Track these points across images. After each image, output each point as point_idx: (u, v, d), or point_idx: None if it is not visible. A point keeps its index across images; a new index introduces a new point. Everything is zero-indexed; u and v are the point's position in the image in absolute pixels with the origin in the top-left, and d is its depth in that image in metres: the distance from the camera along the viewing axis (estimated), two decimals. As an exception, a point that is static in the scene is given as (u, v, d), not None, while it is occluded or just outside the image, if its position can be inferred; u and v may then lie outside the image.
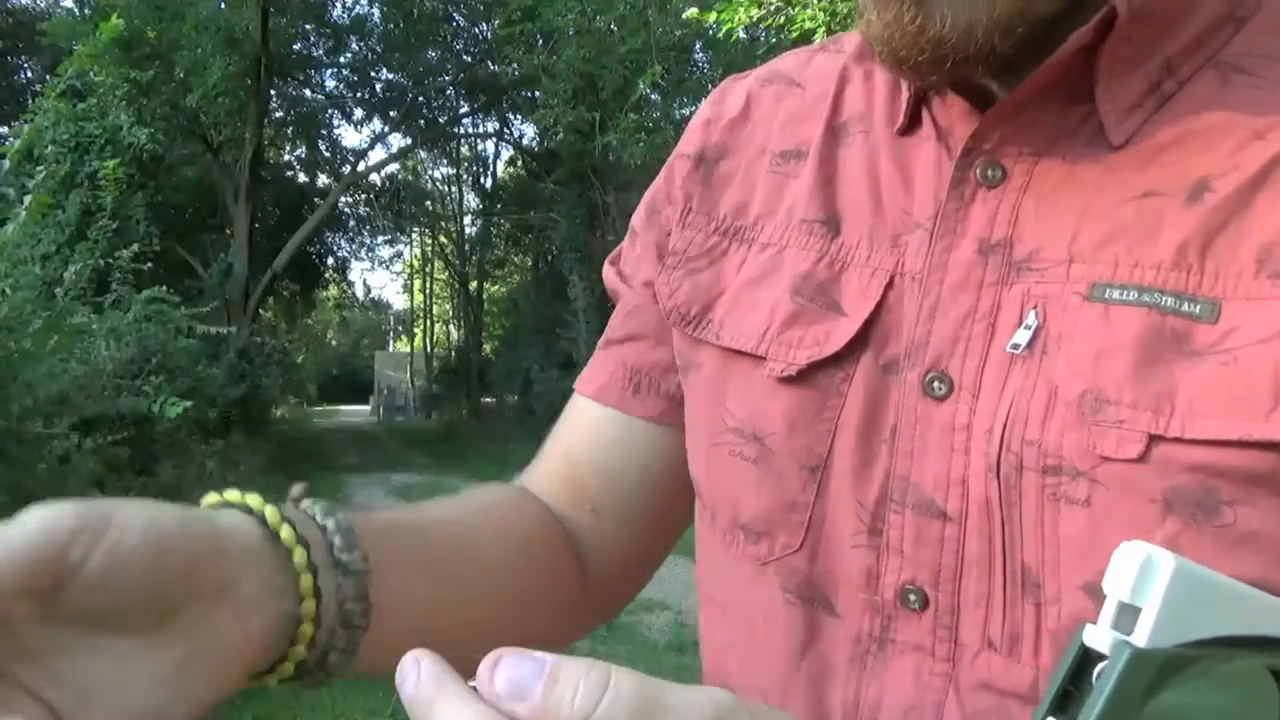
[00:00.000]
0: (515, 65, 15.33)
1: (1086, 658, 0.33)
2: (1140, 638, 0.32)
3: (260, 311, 18.90)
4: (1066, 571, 0.41)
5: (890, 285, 0.48)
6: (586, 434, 0.63)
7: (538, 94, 14.97)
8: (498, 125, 22.56)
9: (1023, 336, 0.43)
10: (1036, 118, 0.46)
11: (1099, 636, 0.33)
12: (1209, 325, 0.39)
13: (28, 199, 3.64)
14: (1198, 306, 0.40)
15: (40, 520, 0.33)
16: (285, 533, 0.41)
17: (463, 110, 21.63)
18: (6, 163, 3.58)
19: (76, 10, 14.57)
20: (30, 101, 3.85)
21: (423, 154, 24.95)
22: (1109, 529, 0.40)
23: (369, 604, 0.43)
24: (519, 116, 20.50)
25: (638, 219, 0.64)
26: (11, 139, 3.61)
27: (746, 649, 0.52)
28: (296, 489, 0.46)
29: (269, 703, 3.99)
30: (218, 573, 0.38)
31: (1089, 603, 0.40)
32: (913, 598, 0.45)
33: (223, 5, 14.02)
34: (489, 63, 18.27)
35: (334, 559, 0.43)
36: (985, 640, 0.44)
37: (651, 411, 0.60)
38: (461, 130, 23.12)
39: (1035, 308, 0.44)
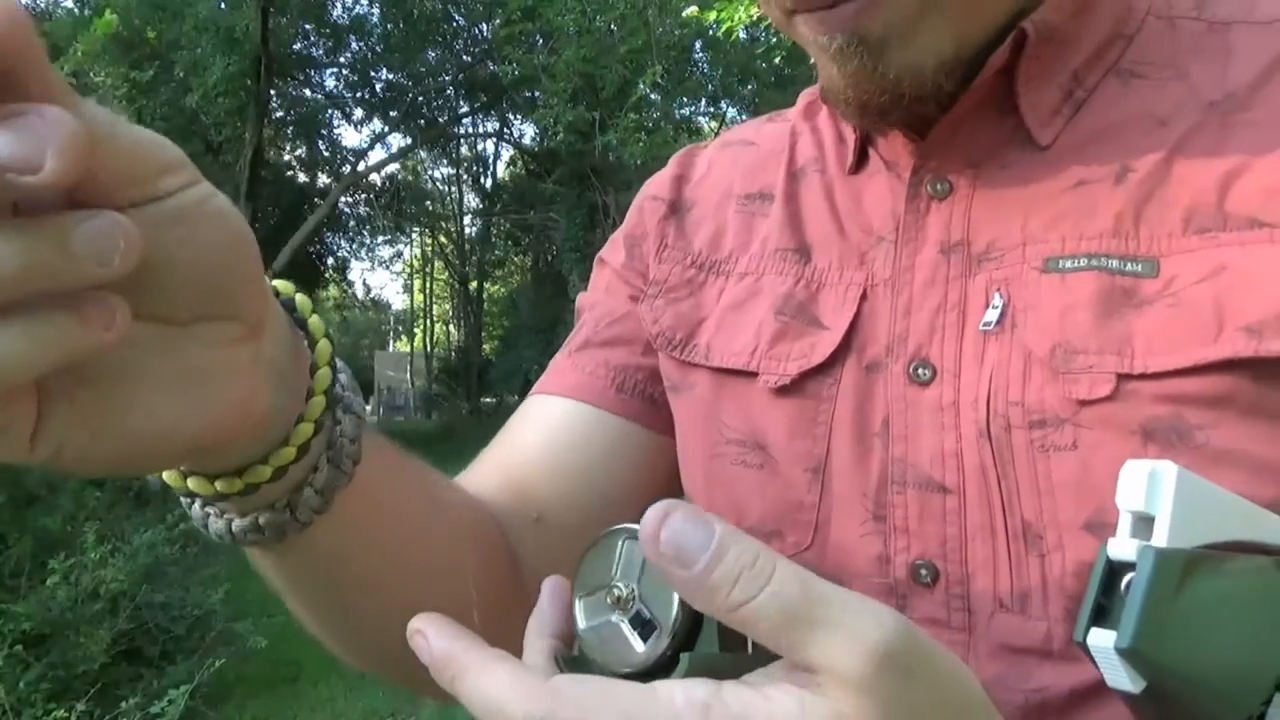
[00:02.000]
0: (515, 65, 15.31)
1: (1112, 571, 0.36)
2: (1160, 539, 0.35)
3: (260, 311, 18.86)
4: (1065, 515, 0.45)
5: (864, 297, 0.54)
6: (546, 435, 0.63)
7: (538, 94, 14.96)
8: (498, 125, 22.56)
9: (992, 315, 0.49)
10: (971, 135, 0.52)
11: (1122, 547, 0.35)
12: (1151, 279, 0.45)
13: (28, 199, 3.64)
14: (1139, 265, 0.46)
15: (154, 135, 0.29)
16: (314, 322, 0.40)
17: (463, 110, 21.62)
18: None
19: (77, 10, 14.57)
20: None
21: (423, 154, 24.94)
22: (1098, 466, 0.44)
23: (360, 454, 0.42)
24: (519, 116, 20.49)
25: (613, 253, 0.68)
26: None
27: None
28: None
29: (269, 703, 3.99)
30: (261, 306, 0.35)
31: (1092, 540, 0.44)
32: (924, 572, 0.49)
33: (223, 5, 14.01)
34: (489, 63, 18.26)
35: (339, 395, 0.41)
36: (997, 602, 0.47)
37: (633, 410, 0.63)
38: (461, 130, 23.12)
39: (999, 289, 0.49)
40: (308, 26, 18.30)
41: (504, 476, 0.63)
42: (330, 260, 27.25)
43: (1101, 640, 0.35)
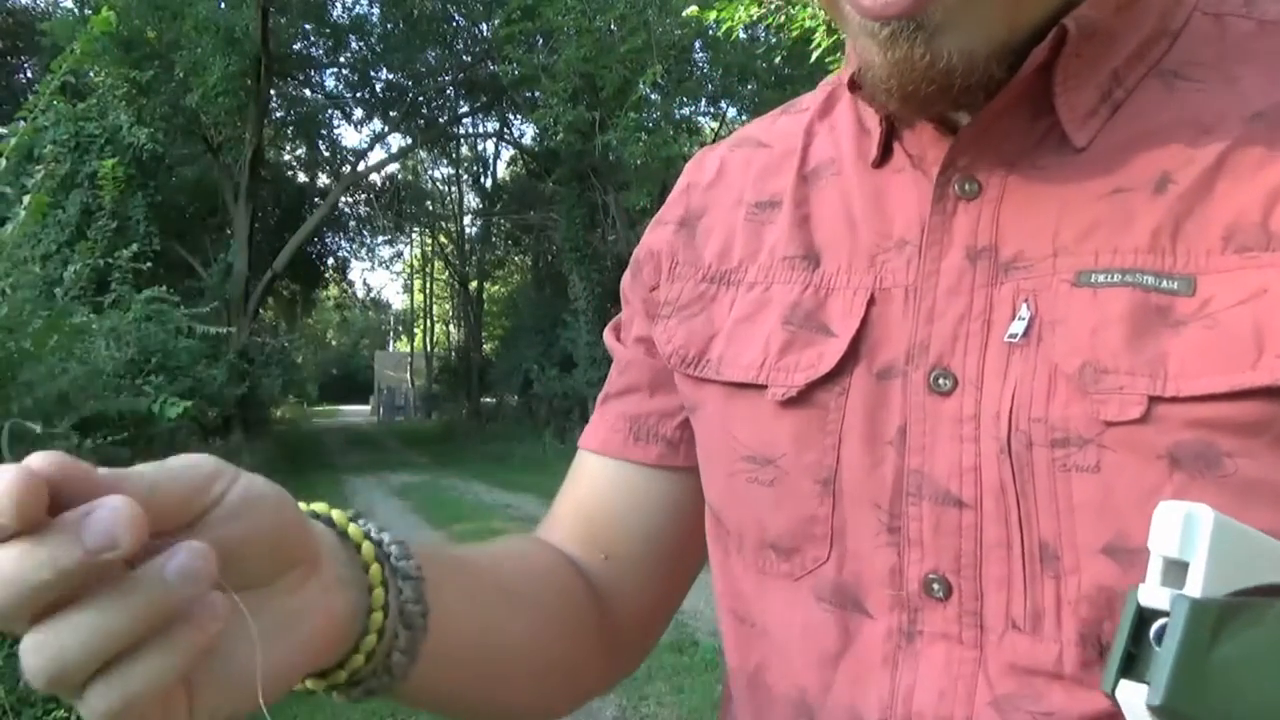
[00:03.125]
0: (515, 65, 15.32)
1: (1141, 618, 0.34)
2: (1194, 589, 0.33)
3: (260, 311, 18.88)
4: (1084, 538, 0.44)
5: (872, 301, 0.52)
6: (593, 486, 0.67)
7: (538, 94, 14.97)
8: (498, 125, 22.59)
9: (1018, 327, 0.47)
10: (1004, 133, 0.50)
11: (1153, 595, 0.34)
12: (1187, 298, 0.43)
13: (27, 199, 3.64)
14: (1175, 283, 0.44)
15: (187, 457, 0.36)
16: (353, 530, 0.46)
17: (463, 110, 21.64)
18: (3, 161, 3.57)
19: (76, 10, 14.56)
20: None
21: (423, 154, 24.96)
22: (1120, 490, 0.43)
23: (427, 607, 0.47)
24: (519, 116, 20.50)
25: (625, 282, 0.68)
26: (9, 137, 3.60)
27: (784, 660, 0.54)
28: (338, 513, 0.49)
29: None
30: (314, 543, 0.41)
31: (1110, 565, 0.43)
32: (936, 586, 0.48)
33: (223, 5, 14.02)
34: (489, 63, 18.27)
35: (392, 566, 0.46)
36: (1009, 621, 0.46)
37: (650, 457, 0.64)
38: (461, 130, 23.16)
39: (1026, 300, 0.47)
40: (308, 26, 18.31)
41: (571, 522, 0.67)
42: (330, 260, 27.28)
43: (1133, 695, 0.33)
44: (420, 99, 20.27)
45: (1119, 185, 0.47)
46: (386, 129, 20.96)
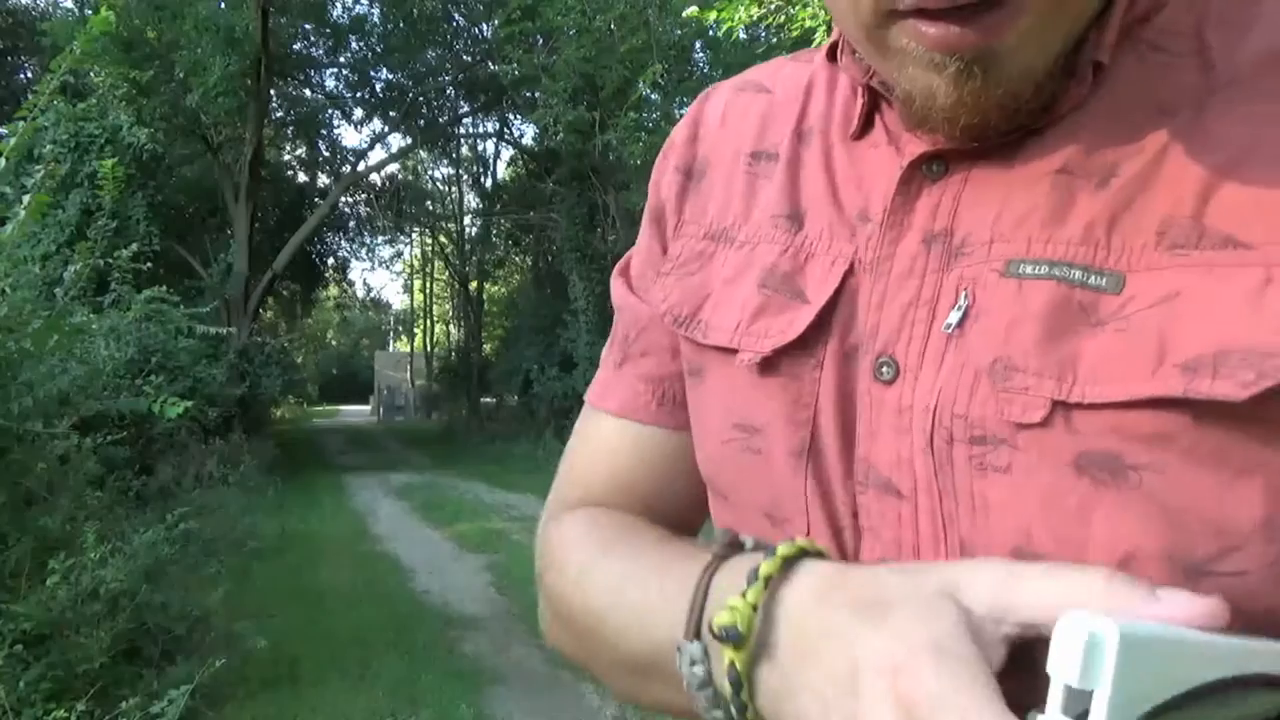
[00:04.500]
0: (515, 65, 15.31)
1: None
2: None
3: (260, 311, 18.87)
4: (997, 539, 0.43)
5: (850, 272, 0.50)
6: (624, 452, 0.64)
7: (538, 94, 14.96)
8: (498, 125, 22.57)
9: (954, 317, 0.45)
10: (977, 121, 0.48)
11: None
12: (1113, 296, 0.41)
13: (27, 199, 3.63)
14: (1104, 279, 0.41)
15: None
16: None
17: (463, 110, 21.63)
18: (3, 161, 3.57)
19: (76, 10, 14.56)
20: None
21: (423, 154, 24.94)
22: (1029, 494, 0.42)
23: None
24: (519, 116, 20.49)
25: (645, 230, 0.66)
26: (9, 137, 3.60)
27: None
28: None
29: (269, 703, 3.99)
30: None
31: None
32: None
33: (223, 5, 14.01)
34: (489, 63, 18.25)
35: None
36: None
37: (678, 420, 0.62)
38: (461, 130, 23.14)
39: (966, 290, 0.45)
40: (308, 26, 18.30)
41: (609, 502, 0.64)
42: (330, 260, 27.25)
43: None
44: (420, 99, 20.26)
45: (1066, 165, 0.45)
46: (386, 129, 20.96)
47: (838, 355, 0.50)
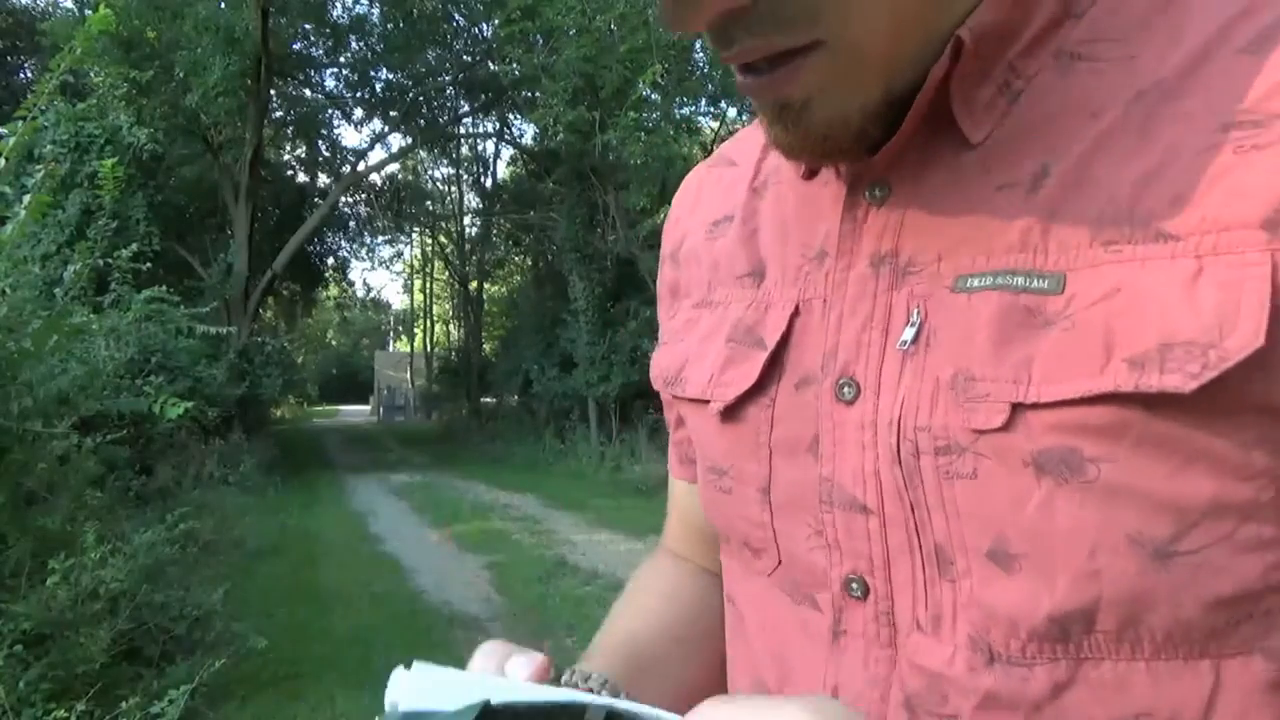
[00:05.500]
0: (515, 65, 15.31)
1: None
2: None
3: (260, 311, 18.87)
4: (971, 542, 0.45)
5: (796, 313, 0.53)
6: (685, 504, 0.74)
7: (538, 94, 14.95)
8: (498, 125, 22.55)
9: (909, 334, 0.47)
10: (916, 143, 0.49)
11: None
12: (1056, 296, 0.42)
13: (27, 199, 3.63)
14: (1045, 281, 0.43)
15: None
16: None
17: (463, 110, 21.62)
18: (3, 161, 3.57)
19: (76, 10, 14.55)
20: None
21: (423, 154, 24.94)
22: (996, 496, 0.43)
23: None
24: (519, 116, 20.48)
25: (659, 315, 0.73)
26: (9, 137, 3.59)
27: (768, 645, 0.57)
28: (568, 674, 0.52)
29: (269, 703, 3.99)
30: None
31: (995, 570, 0.44)
32: (855, 586, 0.49)
33: (223, 5, 14.00)
34: (489, 63, 18.24)
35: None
36: (914, 622, 0.47)
37: (691, 475, 0.70)
38: (461, 130, 23.12)
39: (917, 307, 0.47)
40: (308, 26, 18.28)
41: (681, 531, 0.76)
42: (330, 260, 27.23)
43: None
44: (420, 99, 20.25)
45: (1004, 180, 0.46)
46: (386, 129, 20.95)
47: (788, 391, 0.52)
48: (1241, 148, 0.41)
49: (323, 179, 22.85)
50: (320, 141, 22.45)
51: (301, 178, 22.94)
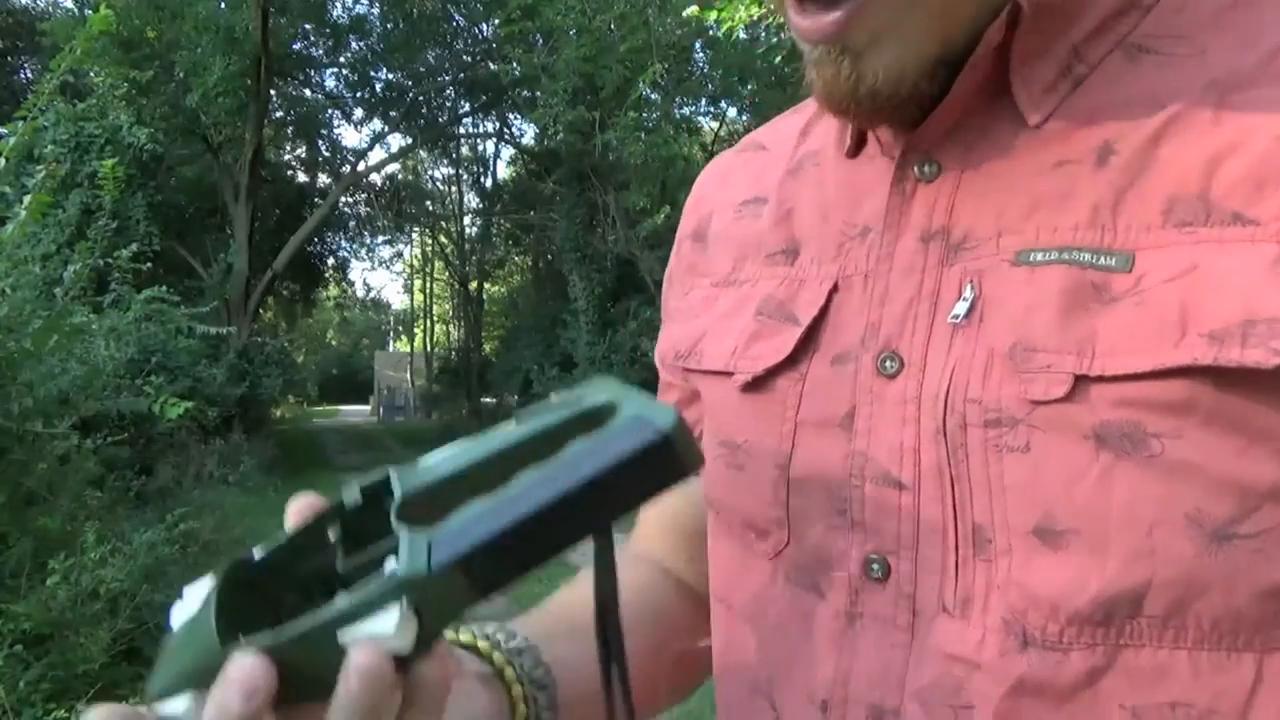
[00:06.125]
0: (515, 65, 15.31)
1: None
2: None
3: (260, 311, 18.86)
4: (1015, 519, 0.44)
5: (835, 289, 0.53)
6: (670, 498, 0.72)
7: (538, 94, 14.95)
8: (498, 125, 22.54)
9: (961, 308, 0.47)
10: (966, 116, 0.50)
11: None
12: (1124, 274, 0.42)
13: (27, 199, 3.63)
14: (1113, 259, 0.43)
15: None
16: (509, 673, 0.52)
17: (463, 110, 21.61)
18: (3, 161, 3.56)
19: (76, 10, 14.55)
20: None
21: (423, 154, 24.94)
22: (1049, 469, 0.43)
23: (558, 708, 0.54)
24: (519, 116, 20.47)
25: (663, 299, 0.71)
26: (9, 137, 3.59)
27: (762, 640, 0.56)
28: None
29: (269, 703, 3.99)
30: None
31: (1038, 548, 0.43)
32: (875, 567, 0.48)
33: (223, 5, 14.00)
34: (489, 63, 18.24)
35: (528, 686, 0.53)
36: (940, 605, 0.46)
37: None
38: (461, 130, 23.11)
39: (971, 282, 0.47)
40: (308, 26, 18.28)
41: (655, 530, 0.73)
42: (330, 260, 27.22)
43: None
44: (420, 99, 20.25)
45: (1064, 158, 0.46)
46: (386, 129, 20.95)
47: (823, 365, 0.52)
48: None
49: (323, 179, 22.86)
50: (320, 141, 22.46)
51: (301, 178, 22.93)
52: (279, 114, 20.08)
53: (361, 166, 21.54)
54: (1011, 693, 0.44)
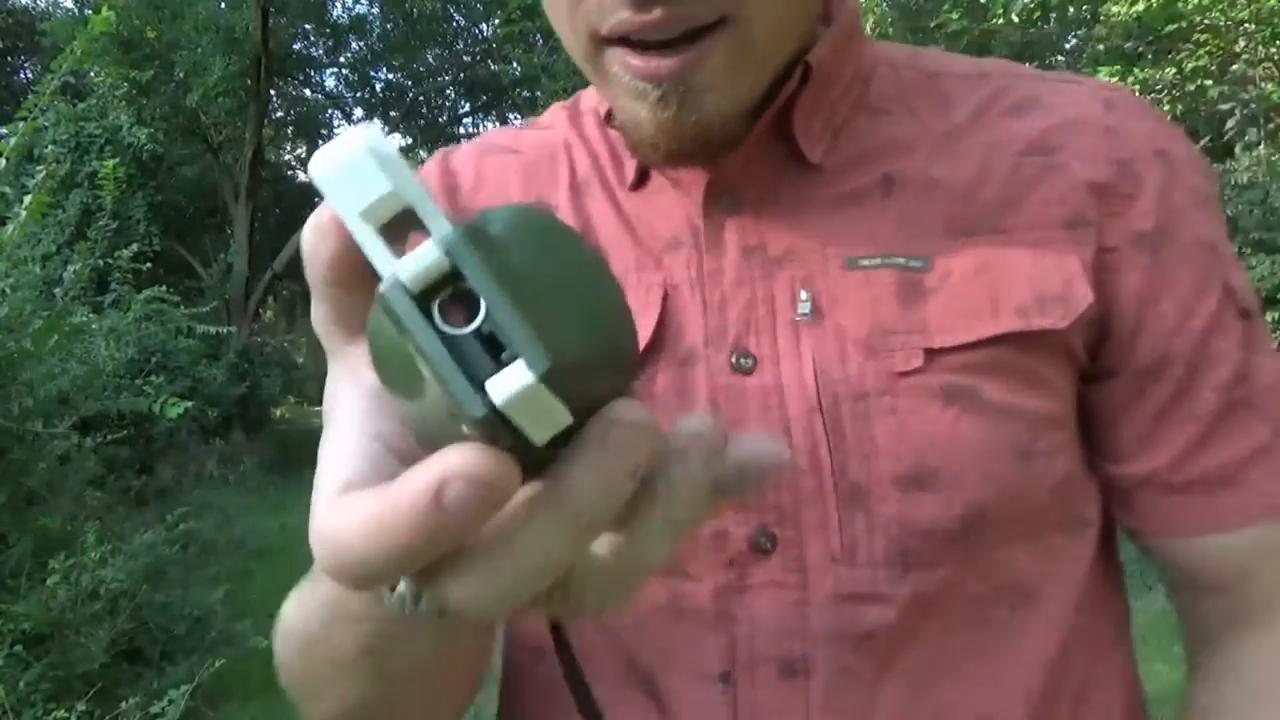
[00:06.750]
0: (515, 65, 15.30)
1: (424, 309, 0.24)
2: (440, 225, 0.25)
3: (260, 311, 18.87)
4: (889, 471, 0.53)
5: (666, 296, 0.58)
6: None
7: (538, 94, 14.94)
8: (498, 125, 22.54)
9: (805, 307, 0.55)
10: (758, 159, 0.58)
11: (408, 267, 0.24)
12: (930, 273, 0.55)
13: (28, 199, 3.63)
14: (919, 262, 0.56)
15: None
16: None
17: (463, 110, 21.62)
18: (3, 161, 3.57)
19: (76, 10, 14.56)
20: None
21: (423, 154, 24.96)
22: (913, 425, 0.53)
23: None
24: (519, 116, 20.46)
25: None
26: (9, 137, 3.60)
27: (625, 636, 0.57)
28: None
29: (269, 703, 3.99)
30: None
31: (911, 486, 0.53)
32: (764, 541, 0.54)
33: (223, 5, 14.01)
34: (489, 62, 18.25)
35: None
36: (829, 557, 0.53)
37: None
38: (462, 130, 23.12)
39: (805, 287, 0.56)
40: (308, 26, 18.28)
41: None
42: (330, 260, 27.15)
43: (511, 384, 0.22)
44: (420, 99, 20.26)
45: (854, 190, 0.58)
46: (386, 129, 20.95)
47: (671, 366, 0.56)
48: (1036, 169, 0.57)
49: (323, 179, 22.82)
50: (320, 141, 22.45)
51: (301, 178, 22.93)
52: (279, 114, 20.09)
53: (361, 166, 21.50)
54: (904, 611, 0.52)
